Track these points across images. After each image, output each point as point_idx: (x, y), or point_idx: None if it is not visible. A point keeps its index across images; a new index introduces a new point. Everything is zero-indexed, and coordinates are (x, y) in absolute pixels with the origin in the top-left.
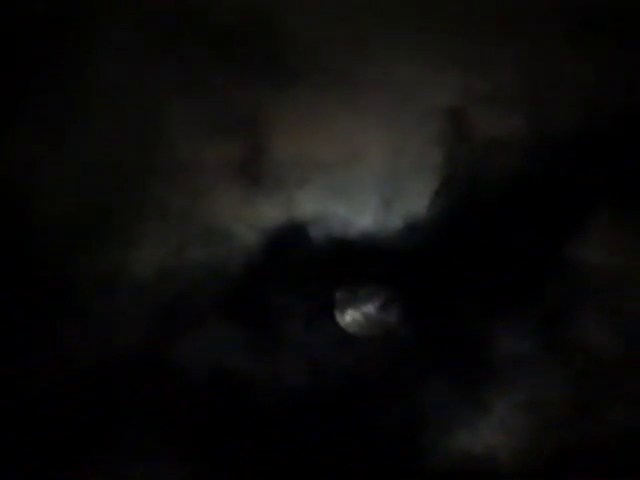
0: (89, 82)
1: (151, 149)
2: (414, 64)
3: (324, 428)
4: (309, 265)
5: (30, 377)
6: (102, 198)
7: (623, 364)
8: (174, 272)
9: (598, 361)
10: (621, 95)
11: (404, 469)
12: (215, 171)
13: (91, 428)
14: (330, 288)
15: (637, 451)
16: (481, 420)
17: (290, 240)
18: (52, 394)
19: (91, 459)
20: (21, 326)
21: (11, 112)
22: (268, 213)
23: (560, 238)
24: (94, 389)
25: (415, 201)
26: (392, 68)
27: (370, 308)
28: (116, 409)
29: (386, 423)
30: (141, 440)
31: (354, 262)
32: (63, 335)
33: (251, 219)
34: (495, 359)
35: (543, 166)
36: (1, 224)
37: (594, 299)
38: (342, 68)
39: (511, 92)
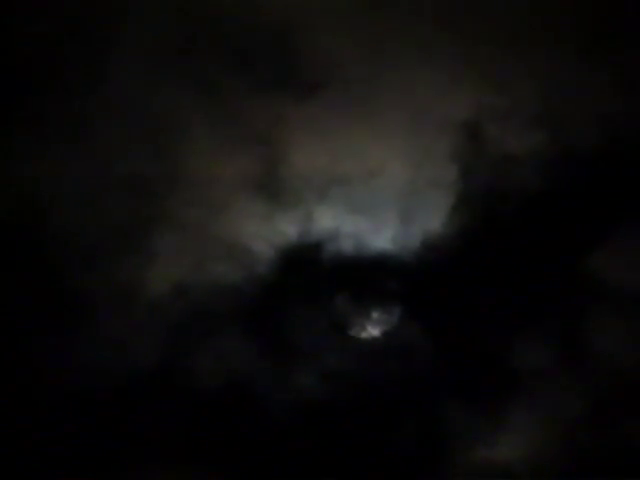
0: (106, 96)
1: (168, 164)
2: (432, 80)
3: (342, 441)
4: (326, 281)
5: (48, 391)
6: (118, 213)
7: None
8: (191, 288)
9: (617, 374)
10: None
11: None
12: (233, 186)
13: (108, 440)
14: (348, 303)
15: None
16: (500, 433)
17: (307, 256)
18: (69, 408)
19: (108, 470)
20: (38, 342)
21: (26, 126)
22: (286, 228)
23: (579, 253)
24: (111, 403)
25: (432, 217)
26: (410, 84)
27: (388, 323)
28: (132, 423)
29: (405, 437)
30: (157, 452)
31: (372, 277)
32: (80, 351)
33: (268, 234)
34: (514, 373)
35: (561, 181)
36: (17, 239)
37: (613, 313)
38: (360, 84)
39: (529, 108)
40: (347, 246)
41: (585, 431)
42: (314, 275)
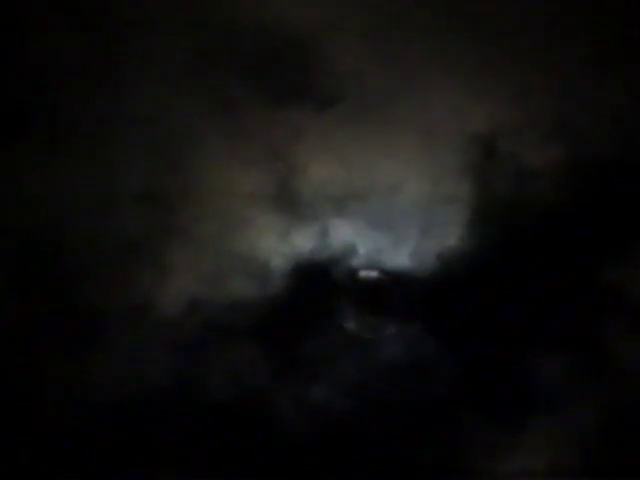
0: (119, 109)
1: (182, 178)
2: (449, 95)
3: (361, 456)
4: (343, 296)
5: (60, 408)
6: (132, 227)
7: None
8: (206, 303)
9: (637, 387)
10: None
11: None
12: (248, 200)
13: (122, 456)
14: (364, 319)
15: None
16: (518, 446)
17: (324, 271)
18: (79, 428)
19: None
20: (46, 360)
21: (37, 139)
22: (302, 243)
23: (598, 266)
24: (124, 420)
25: (450, 232)
26: (427, 99)
27: (405, 338)
28: (146, 440)
29: (422, 451)
30: (172, 469)
31: (389, 293)
32: (93, 367)
33: (284, 249)
34: (533, 386)
35: (578, 194)
36: (28, 254)
37: (633, 326)
38: (377, 98)
39: (546, 120)
40: (364, 261)
41: (604, 444)
42: (330, 290)
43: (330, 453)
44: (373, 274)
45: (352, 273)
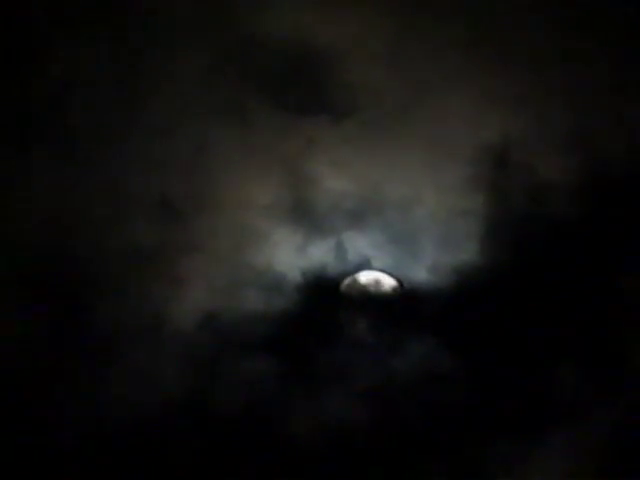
0: (135, 119)
1: (197, 190)
2: (464, 107)
3: (375, 467)
4: (359, 309)
5: (74, 424)
6: (146, 240)
7: None
8: (219, 317)
9: None
10: None
11: None
12: (263, 212)
13: (134, 473)
14: (381, 332)
15: None
16: (539, 459)
17: (339, 284)
18: (95, 441)
19: None
20: (61, 373)
21: (50, 150)
22: (317, 256)
23: (614, 279)
24: (136, 435)
25: (467, 245)
26: (442, 111)
27: (423, 352)
28: (162, 454)
29: (436, 464)
30: None
31: (406, 306)
32: (107, 381)
33: (300, 262)
34: (550, 400)
35: (593, 206)
36: (41, 268)
37: None
38: (392, 110)
39: (560, 132)
40: (380, 275)
41: (620, 454)
42: (346, 304)
43: (344, 464)
44: (388, 286)
45: (368, 286)
